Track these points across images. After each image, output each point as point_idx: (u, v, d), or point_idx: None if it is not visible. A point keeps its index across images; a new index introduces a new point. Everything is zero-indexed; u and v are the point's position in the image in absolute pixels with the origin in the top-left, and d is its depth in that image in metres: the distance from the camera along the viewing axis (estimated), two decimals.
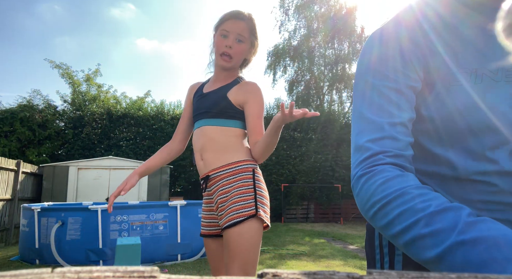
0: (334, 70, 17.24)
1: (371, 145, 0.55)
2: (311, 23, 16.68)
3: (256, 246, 1.28)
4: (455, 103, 0.56)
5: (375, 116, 0.57)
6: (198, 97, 1.54)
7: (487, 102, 0.55)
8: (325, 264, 4.50)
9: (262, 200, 1.34)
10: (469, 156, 0.57)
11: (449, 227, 0.42)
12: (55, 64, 11.97)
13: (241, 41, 1.41)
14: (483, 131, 0.56)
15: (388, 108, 0.57)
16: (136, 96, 13.29)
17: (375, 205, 0.51)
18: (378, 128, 0.56)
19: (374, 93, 0.59)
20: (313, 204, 11.12)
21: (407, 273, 0.25)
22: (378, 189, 0.50)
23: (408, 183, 0.49)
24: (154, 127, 10.91)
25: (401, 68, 0.59)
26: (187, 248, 4.67)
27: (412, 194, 0.47)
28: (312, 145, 11.19)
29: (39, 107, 10.27)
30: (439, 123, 0.58)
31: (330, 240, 6.95)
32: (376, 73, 0.60)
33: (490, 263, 0.38)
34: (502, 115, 0.54)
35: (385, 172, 0.52)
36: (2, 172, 6.40)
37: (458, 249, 0.41)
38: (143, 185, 8.71)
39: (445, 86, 0.57)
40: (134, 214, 4.51)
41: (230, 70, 1.48)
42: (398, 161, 0.54)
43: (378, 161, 0.54)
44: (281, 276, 0.23)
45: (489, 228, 0.40)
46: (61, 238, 4.29)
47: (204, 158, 1.42)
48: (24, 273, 0.21)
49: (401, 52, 0.59)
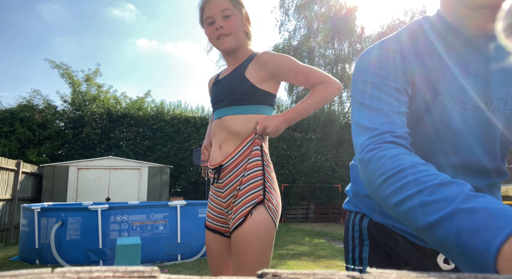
0: (334, 70, 17.23)
1: (379, 126, 0.60)
2: (311, 23, 16.68)
3: (268, 241, 1.16)
4: (433, 119, 0.64)
5: (378, 106, 0.62)
6: (214, 85, 1.42)
7: (455, 124, 0.63)
8: (325, 264, 4.50)
9: (271, 191, 1.23)
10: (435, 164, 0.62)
11: (451, 197, 0.45)
12: (55, 64, 11.98)
13: (229, 15, 1.28)
14: (451, 146, 0.65)
15: (389, 100, 0.62)
16: (136, 96, 13.30)
17: (385, 174, 0.53)
18: (384, 114, 0.61)
19: (375, 90, 0.64)
20: (313, 204, 11.12)
21: (407, 273, 0.25)
22: (389, 160, 0.53)
23: (416, 159, 0.53)
24: (154, 127, 10.91)
25: (400, 73, 0.65)
26: (187, 248, 4.67)
27: (419, 168, 0.51)
28: (312, 145, 11.19)
29: (39, 107, 10.27)
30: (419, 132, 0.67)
31: (330, 240, 6.95)
32: (375, 75, 0.65)
33: (482, 229, 0.40)
34: (463, 136, 0.63)
35: (394, 149, 0.56)
36: (2, 172, 6.40)
37: (456, 215, 0.43)
38: (143, 185, 8.72)
39: (425, 103, 0.65)
40: (134, 214, 4.51)
41: (238, 51, 1.34)
42: (403, 142, 0.58)
43: (386, 138, 0.58)
44: (281, 276, 0.23)
45: (487, 201, 0.43)
46: (61, 238, 4.29)
47: (223, 148, 1.30)
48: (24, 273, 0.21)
49: (395, 63, 0.65)
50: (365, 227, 0.82)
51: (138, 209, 4.62)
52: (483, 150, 0.67)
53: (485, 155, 0.67)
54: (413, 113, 0.66)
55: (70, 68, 12.10)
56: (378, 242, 0.79)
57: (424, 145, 0.67)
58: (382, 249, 0.79)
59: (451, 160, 0.68)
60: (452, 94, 0.64)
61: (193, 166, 10.43)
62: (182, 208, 4.72)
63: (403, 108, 0.62)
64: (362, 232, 0.83)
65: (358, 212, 0.86)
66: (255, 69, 1.28)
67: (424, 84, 0.65)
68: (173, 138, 10.87)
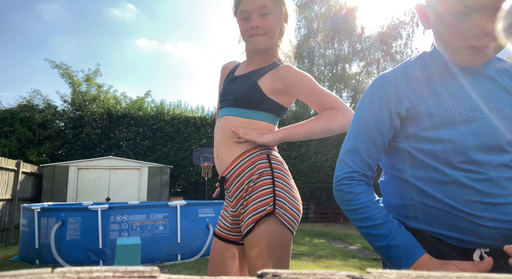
0: (334, 70, 17.24)
1: (351, 163, 0.84)
2: (311, 23, 16.68)
3: (280, 246, 1.10)
4: (438, 132, 0.79)
5: (360, 146, 0.85)
6: (228, 79, 1.35)
7: (458, 130, 0.77)
8: (325, 264, 4.50)
9: (282, 194, 1.14)
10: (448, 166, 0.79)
11: (386, 234, 0.78)
12: (55, 64, 11.97)
13: (266, 13, 1.18)
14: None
15: (369, 144, 0.84)
16: (136, 96, 13.30)
17: (348, 206, 0.83)
18: (358, 154, 0.84)
19: (365, 127, 0.85)
20: (313, 204, 11.12)
21: (406, 273, 0.25)
22: (351, 198, 0.82)
23: (369, 198, 0.81)
24: (154, 127, 10.91)
25: (387, 123, 0.83)
26: (187, 248, 4.67)
27: (370, 207, 0.80)
28: (312, 145, 11.19)
29: (39, 107, 10.27)
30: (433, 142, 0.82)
31: (330, 240, 6.94)
32: (372, 117, 0.84)
33: (401, 259, 0.75)
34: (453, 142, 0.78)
35: (357, 187, 0.82)
36: (2, 172, 6.40)
37: (388, 248, 0.77)
38: (143, 185, 8.72)
39: (433, 116, 0.79)
40: (134, 214, 4.51)
41: (267, 52, 1.26)
42: (365, 179, 0.84)
43: (353, 177, 0.83)
44: (281, 276, 0.23)
45: (404, 238, 0.77)
46: (61, 238, 4.29)
47: (220, 156, 1.24)
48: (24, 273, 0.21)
49: (389, 103, 0.83)
50: None
51: (138, 209, 4.62)
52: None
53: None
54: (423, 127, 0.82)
55: (70, 68, 12.11)
56: None
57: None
58: None
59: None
60: (458, 106, 0.78)
61: (193, 166, 10.43)
62: (182, 208, 4.72)
63: (377, 156, 0.86)
64: None
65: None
66: (271, 80, 1.22)
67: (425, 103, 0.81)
68: (173, 138, 10.87)
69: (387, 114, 0.82)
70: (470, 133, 0.76)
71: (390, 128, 0.83)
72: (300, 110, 13.12)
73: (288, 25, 1.28)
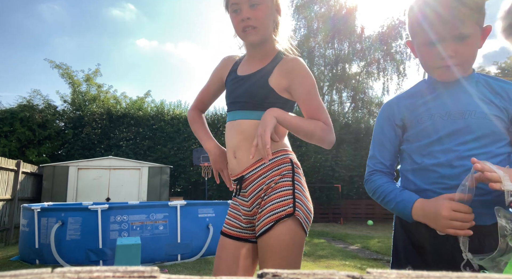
0: (334, 70, 17.24)
1: (371, 165, 1.15)
2: (311, 23, 16.68)
3: (296, 248, 1.13)
4: (425, 130, 1.04)
5: (376, 153, 1.15)
6: (232, 80, 1.30)
7: (437, 131, 1.02)
8: (325, 264, 4.50)
9: (301, 197, 1.18)
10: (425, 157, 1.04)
11: (393, 198, 1.03)
12: (55, 64, 11.99)
13: (256, 4, 1.15)
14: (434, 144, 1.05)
15: (381, 150, 1.14)
16: (136, 96, 13.31)
17: (371, 191, 1.13)
18: (375, 158, 1.15)
19: (377, 139, 1.15)
20: (313, 204, 11.12)
21: (406, 273, 0.25)
22: (371, 184, 1.12)
23: (382, 181, 1.10)
24: (154, 127, 10.91)
25: (391, 133, 1.12)
26: (187, 248, 4.67)
27: (382, 186, 1.08)
28: (312, 145, 11.16)
29: (39, 107, 10.27)
30: (414, 142, 1.08)
31: (330, 240, 6.95)
32: (380, 131, 1.15)
33: (404, 209, 0.98)
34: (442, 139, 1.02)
35: (375, 177, 1.12)
36: (2, 172, 6.40)
37: (397, 205, 1.01)
38: (143, 185, 8.72)
39: (417, 122, 1.06)
40: (134, 214, 4.51)
41: (264, 44, 1.23)
42: (381, 172, 1.13)
43: (373, 172, 1.14)
44: (281, 276, 0.23)
45: (402, 194, 1.01)
46: (61, 238, 4.29)
47: (238, 157, 1.23)
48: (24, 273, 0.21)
49: (390, 118, 1.13)
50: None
51: (138, 209, 4.62)
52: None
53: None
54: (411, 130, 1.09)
55: (70, 68, 12.12)
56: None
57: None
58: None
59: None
60: (435, 112, 1.04)
61: (193, 166, 10.43)
62: (182, 208, 4.72)
63: (390, 157, 1.13)
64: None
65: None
66: (279, 76, 1.20)
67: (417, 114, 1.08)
68: (173, 139, 10.87)
69: (390, 126, 1.11)
70: (441, 131, 1.00)
71: (395, 136, 1.11)
72: (300, 111, 13.11)
73: (282, 16, 1.25)
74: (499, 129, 0.96)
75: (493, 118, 0.96)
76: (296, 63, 1.20)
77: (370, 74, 17.39)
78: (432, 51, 0.96)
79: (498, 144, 0.97)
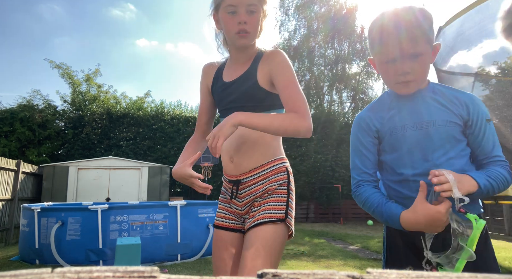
0: (334, 70, 17.24)
1: (356, 176, 1.18)
2: (311, 23, 16.68)
3: (280, 249, 1.18)
4: (399, 142, 1.13)
5: (358, 163, 1.19)
6: (220, 87, 1.32)
7: (408, 141, 1.11)
8: (325, 264, 4.50)
9: (292, 205, 1.24)
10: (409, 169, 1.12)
11: (381, 212, 1.07)
12: (55, 64, 11.98)
13: (253, 11, 1.19)
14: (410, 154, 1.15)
15: (363, 159, 1.18)
16: (136, 96, 13.31)
17: (360, 203, 1.16)
18: (358, 169, 1.18)
19: (357, 150, 1.20)
20: (313, 204, 11.12)
21: (406, 273, 0.25)
22: (360, 197, 1.15)
23: (368, 193, 1.13)
24: (154, 127, 10.91)
25: (369, 143, 1.18)
26: (187, 248, 4.67)
27: (369, 198, 1.12)
28: (312, 145, 11.19)
29: (39, 107, 10.27)
30: (391, 152, 1.16)
31: (330, 240, 6.95)
32: (358, 143, 1.20)
33: (394, 224, 1.03)
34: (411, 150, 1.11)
35: (362, 189, 1.15)
36: (2, 172, 6.41)
37: (386, 220, 1.06)
38: (143, 185, 8.72)
39: (390, 134, 1.14)
40: (134, 214, 4.51)
41: (250, 47, 1.28)
42: (368, 183, 1.16)
43: (359, 184, 1.17)
44: (281, 276, 0.23)
45: (388, 209, 1.05)
46: (61, 238, 4.29)
47: (235, 161, 1.26)
48: (24, 273, 0.21)
49: (366, 127, 1.19)
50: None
51: (138, 209, 4.62)
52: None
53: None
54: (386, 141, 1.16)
55: (70, 68, 12.12)
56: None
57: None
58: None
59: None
60: (403, 124, 1.13)
61: (193, 166, 10.43)
62: (182, 208, 4.72)
63: (372, 168, 1.18)
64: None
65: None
66: (262, 71, 1.24)
67: (390, 124, 1.16)
68: (173, 139, 10.87)
69: (368, 136, 1.18)
70: (412, 141, 1.09)
71: (373, 145, 1.18)
72: None
73: (266, 23, 1.29)
74: (458, 133, 1.08)
75: (451, 124, 1.07)
76: (274, 54, 1.25)
77: (370, 74, 17.39)
78: (391, 68, 1.07)
79: (460, 146, 1.07)
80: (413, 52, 1.03)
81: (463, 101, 1.08)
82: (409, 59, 1.04)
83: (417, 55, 1.03)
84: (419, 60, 1.04)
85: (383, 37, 1.06)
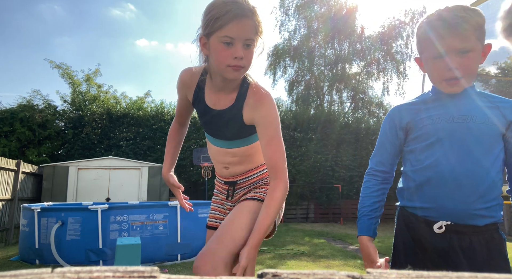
0: (334, 70, 17.24)
1: (372, 164, 1.26)
2: (311, 23, 16.67)
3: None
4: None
5: (377, 154, 1.27)
6: (204, 111, 1.30)
7: (440, 133, 1.11)
8: (325, 264, 4.50)
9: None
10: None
11: (359, 219, 1.22)
12: (55, 64, 11.97)
13: (250, 45, 1.14)
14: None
15: (382, 151, 1.26)
16: (136, 96, 13.30)
17: (360, 199, 1.27)
18: (376, 158, 1.27)
19: (380, 140, 1.27)
20: (313, 204, 11.12)
21: (407, 273, 0.25)
22: (363, 188, 1.27)
23: (366, 192, 1.24)
24: (154, 127, 10.91)
25: (393, 136, 1.22)
26: (187, 248, 4.67)
27: (363, 199, 1.24)
28: (312, 145, 11.19)
29: (39, 107, 10.27)
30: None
31: (330, 240, 6.95)
32: (383, 133, 1.26)
33: (362, 230, 1.20)
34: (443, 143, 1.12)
35: (368, 183, 1.25)
36: (2, 172, 6.40)
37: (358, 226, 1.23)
38: (143, 185, 8.72)
39: (420, 124, 1.15)
40: (134, 214, 4.51)
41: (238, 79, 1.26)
42: (380, 174, 1.24)
43: (370, 173, 1.26)
44: (281, 276, 0.23)
45: (362, 223, 1.21)
46: (61, 238, 4.29)
47: (231, 168, 1.37)
48: (24, 273, 0.21)
49: (395, 124, 1.23)
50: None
51: (138, 209, 4.62)
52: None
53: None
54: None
55: (70, 68, 12.10)
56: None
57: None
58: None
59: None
60: (439, 116, 1.13)
61: (193, 166, 10.43)
62: (182, 208, 4.70)
63: (392, 159, 1.25)
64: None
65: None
66: (248, 113, 1.23)
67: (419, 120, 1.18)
68: None
69: (394, 129, 1.21)
70: (441, 132, 1.09)
71: (397, 139, 1.21)
72: (300, 111, 13.12)
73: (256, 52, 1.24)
74: (496, 134, 1.07)
75: (492, 123, 1.07)
76: (261, 103, 1.21)
77: (370, 74, 17.40)
78: (438, 64, 1.06)
79: (496, 146, 1.07)
80: (462, 48, 1.01)
81: (508, 105, 1.09)
82: (457, 55, 1.02)
83: (466, 51, 1.01)
84: (468, 57, 1.02)
85: (432, 31, 1.05)
